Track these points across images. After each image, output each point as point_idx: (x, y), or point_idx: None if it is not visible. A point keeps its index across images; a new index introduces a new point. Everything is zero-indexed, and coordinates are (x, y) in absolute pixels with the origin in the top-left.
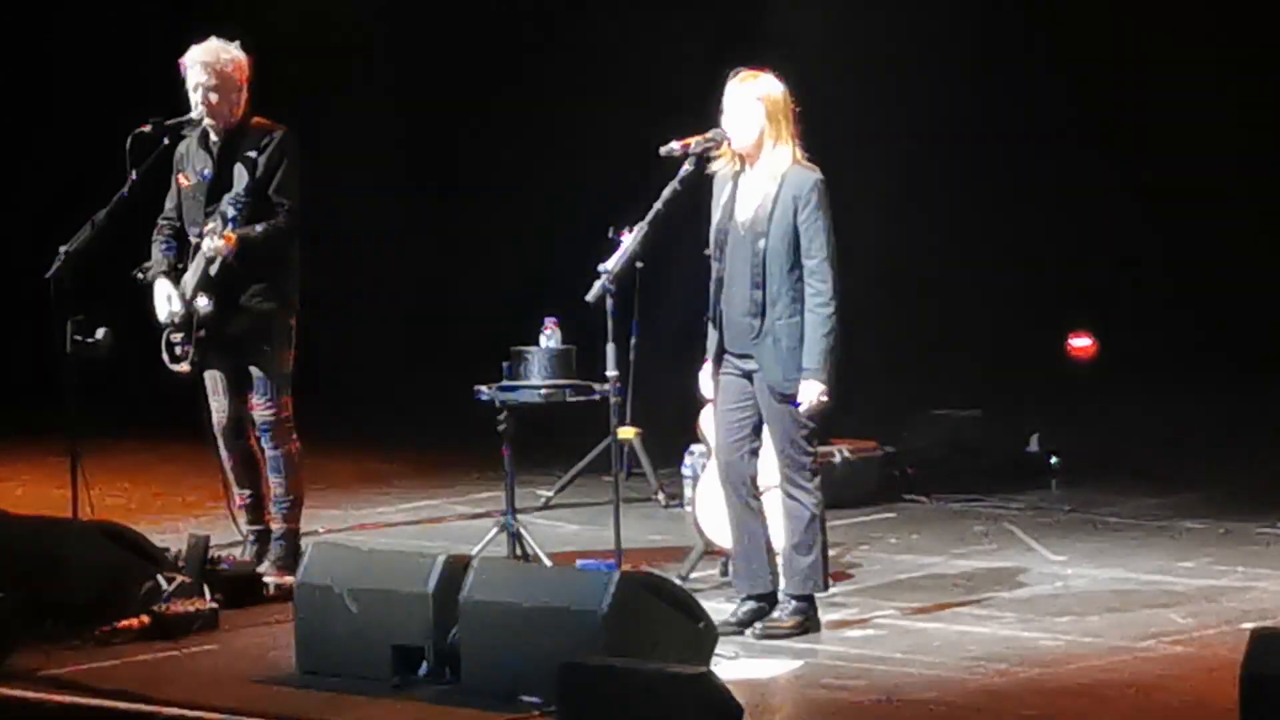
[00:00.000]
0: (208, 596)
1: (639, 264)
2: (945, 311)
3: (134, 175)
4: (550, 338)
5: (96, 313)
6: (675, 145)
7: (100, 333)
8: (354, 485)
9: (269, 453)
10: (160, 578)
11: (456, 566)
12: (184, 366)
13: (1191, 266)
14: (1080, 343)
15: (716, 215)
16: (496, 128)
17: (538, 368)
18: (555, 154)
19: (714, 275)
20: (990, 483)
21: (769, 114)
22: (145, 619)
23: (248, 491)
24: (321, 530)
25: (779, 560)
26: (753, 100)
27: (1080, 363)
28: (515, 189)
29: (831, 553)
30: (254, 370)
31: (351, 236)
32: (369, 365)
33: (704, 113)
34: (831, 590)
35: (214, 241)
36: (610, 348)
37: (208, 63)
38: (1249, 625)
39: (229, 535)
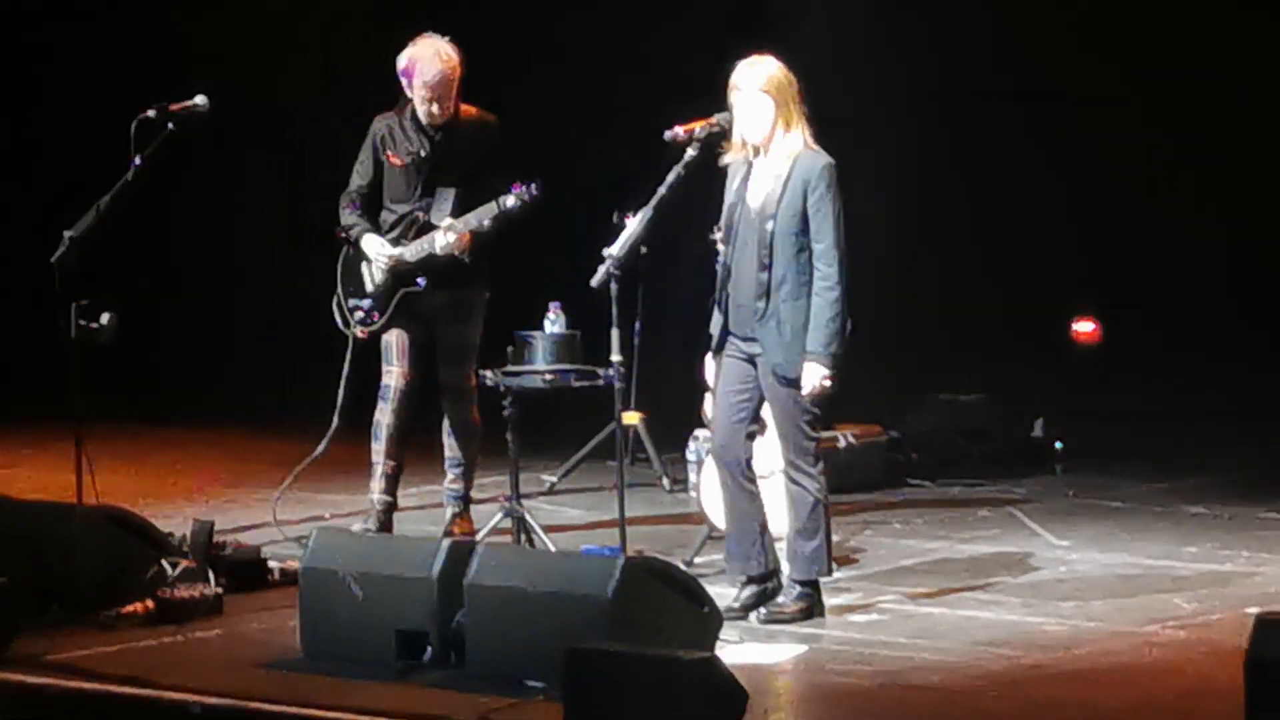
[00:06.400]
0: (212, 581)
1: (643, 249)
2: (950, 296)
3: (138, 160)
4: (555, 322)
5: (101, 297)
6: (679, 130)
7: (105, 317)
8: (359, 470)
9: (449, 419)
10: (165, 563)
11: (461, 551)
12: (360, 332)
13: (1195, 251)
14: (1085, 327)
15: (729, 200)
16: (501, 113)
17: (542, 352)
18: (559, 139)
19: (721, 260)
20: (994, 467)
21: (778, 103)
22: (150, 604)
23: (394, 463)
24: (327, 515)
25: (779, 545)
26: (760, 93)
27: (1085, 347)
28: (519, 173)
29: (835, 538)
30: (449, 339)
31: None
32: (373, 349)
33: (708, 97)
34: (835, 575)
35: (450, 238)
36: (615, 332)
37: (440, 75)
38: (1254, 610)
39: (233, 520)
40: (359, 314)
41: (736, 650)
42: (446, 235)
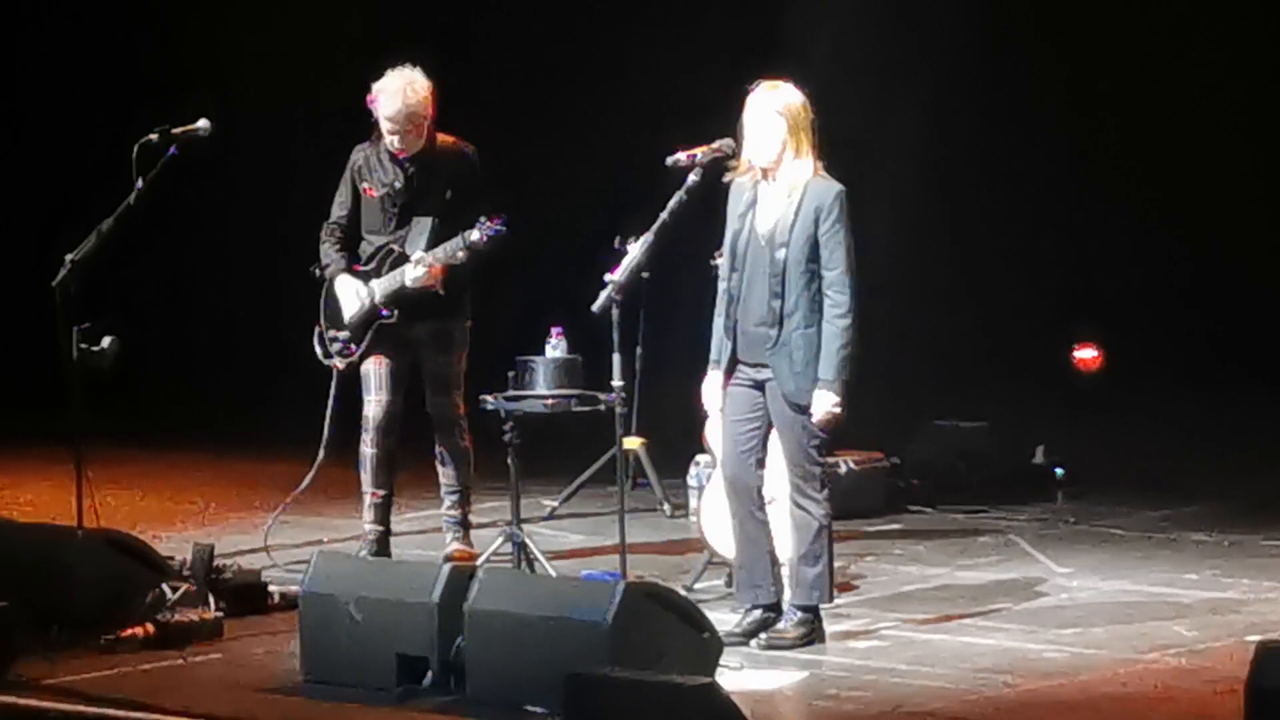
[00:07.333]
0: (212, 605)
1: (645, 274)
2: (951, 323)
3: (140, 184)
4: (556, 347)
5: (102, 321)
6: (681, 156)
7: (106, 341)
8: (355, 493)
9: (440, 447)
10: (165, 586)
11: (461, 576)
12: (338, 364)
13: (1197, 277)
14: (1086, 354)
15: (734, 225)
16: (502, 137)
17: (543, 377)
18: (561, 163)
19: (727, 286)
20: (995, 494)
21: (790, 127)
22: (150, 628)
23: (383, 492)
24: (326, 540)
25: (783, 571)
26: (773, 114)
27: (1086, 374)
28: (521, 198)
29: (837, 564)
30: (432, 369)
31: None
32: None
33: (711, 121)
34: (836, 601)
35: (419, 271)
36: (616, 357)
37: (400, 110)
38: (1254, 638)
39: (233, 544)
40: (337, 345)
41: (737, 676)
42: (416, 269)
